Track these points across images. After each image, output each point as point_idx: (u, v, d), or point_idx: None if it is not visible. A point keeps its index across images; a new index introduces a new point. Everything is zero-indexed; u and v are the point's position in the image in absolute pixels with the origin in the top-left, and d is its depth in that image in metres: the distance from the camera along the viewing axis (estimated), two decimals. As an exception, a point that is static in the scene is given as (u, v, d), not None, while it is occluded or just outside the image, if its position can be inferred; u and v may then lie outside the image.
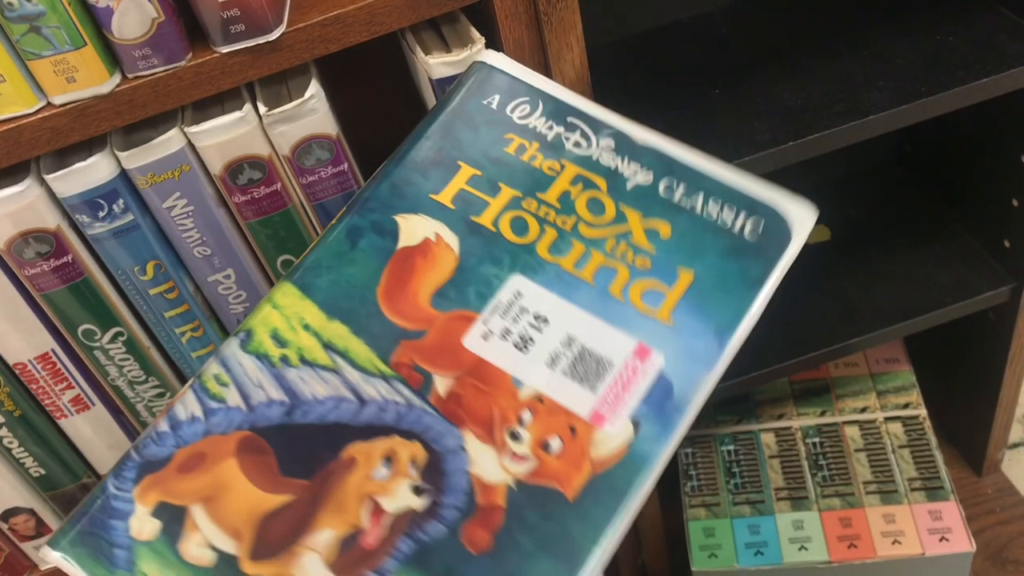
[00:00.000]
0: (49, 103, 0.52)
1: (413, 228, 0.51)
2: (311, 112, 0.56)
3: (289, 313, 0.49)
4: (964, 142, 0.87)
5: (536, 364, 0.46)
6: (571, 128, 0.53)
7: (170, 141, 0.55)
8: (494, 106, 0.55)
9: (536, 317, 0.47)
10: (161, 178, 0.56)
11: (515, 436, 0.44)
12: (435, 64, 0.57)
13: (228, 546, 0.44)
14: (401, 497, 0.44)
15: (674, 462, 0.95)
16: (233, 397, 0.47)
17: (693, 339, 0.46)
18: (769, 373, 0.83)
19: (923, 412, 0.94)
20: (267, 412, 0.47)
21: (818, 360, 0.84)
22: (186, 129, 0.55)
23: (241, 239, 0.61)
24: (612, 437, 0.44)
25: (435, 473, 0.44)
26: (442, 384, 0.46)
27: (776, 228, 0.49)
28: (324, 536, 0.44)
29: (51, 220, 0.56)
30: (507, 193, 0.51)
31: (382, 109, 0.74)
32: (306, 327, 0.49)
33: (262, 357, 0.48)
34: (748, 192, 0.50)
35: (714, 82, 0.74)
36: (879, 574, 0.83)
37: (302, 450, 0.46)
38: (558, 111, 0.54)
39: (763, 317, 0.86)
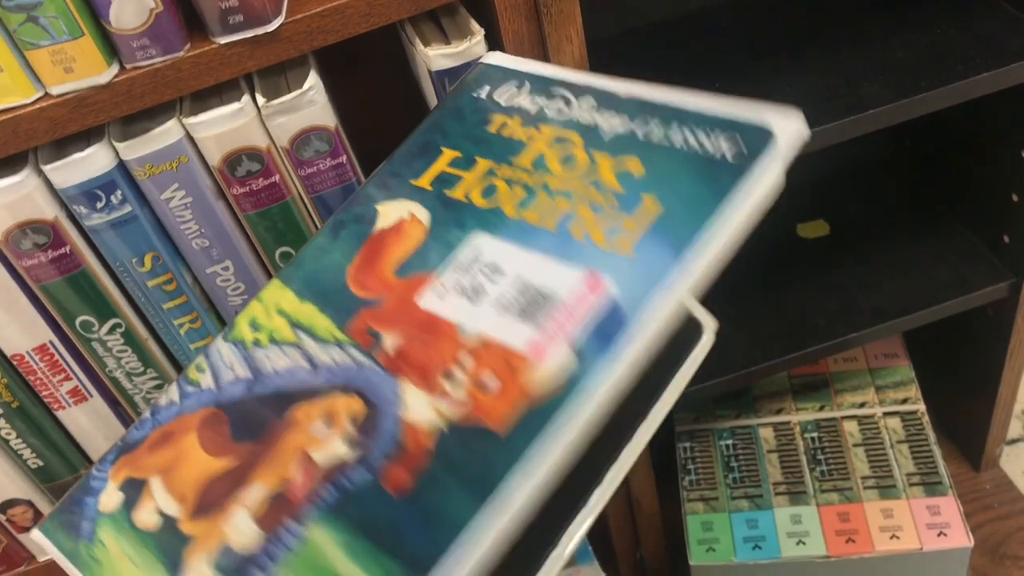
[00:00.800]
0: (47, 93, 0.52)
1: (390, 212, 0.52)
2: (310, 104, 0.55)
3: (268, 303, 0.51)
4: (964, 137, 0.87)
5: (484, 310, 0.45)
6: (553, 97, 0.53)
7: (168, 132, 0.55)
8: (483, 96, 0.55)
9: (491, 268, 0.46)
10: (159, 169, 0.56)
11: (452, 379, 0.44)
12: (434, 56, 0.57)
13: (173, 510, 0.46)
14: (332, 449, 0.44)
15: (672, 456, 0.95)
16: (207, 380, 0.50)
17: (651, 262, 0.44)
18: (768, 367, 0.83)
19: (922, 407, 0.94)
20: (232, 389, 0.49)
21: (817, 355, 0.84)
22: (184, 120, 0.55)
23: (239, 231, 0.61)
24: (551, 369, 0.42)
25: (371, 424, 0.44)
26: (390, 342, 0.46)
27: (757, 140, 0.46)
28: (255, 491, 0.44)
29: (49, 211, 0.56)
30: (483, 165, 0.51)
31: (381, 101, 0.74)
32: (280, 312, 0.50)
33: (238, 343, 0.50)
34: (728, 114, 0.48)
35: (714, 75, 0.74)
36: (877, 569, 0.84)
37: (254, 417, 0.47)
38: (543, 86, 0.54)
39: (763, 311, 0.85)
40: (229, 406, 0.48)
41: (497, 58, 0.57)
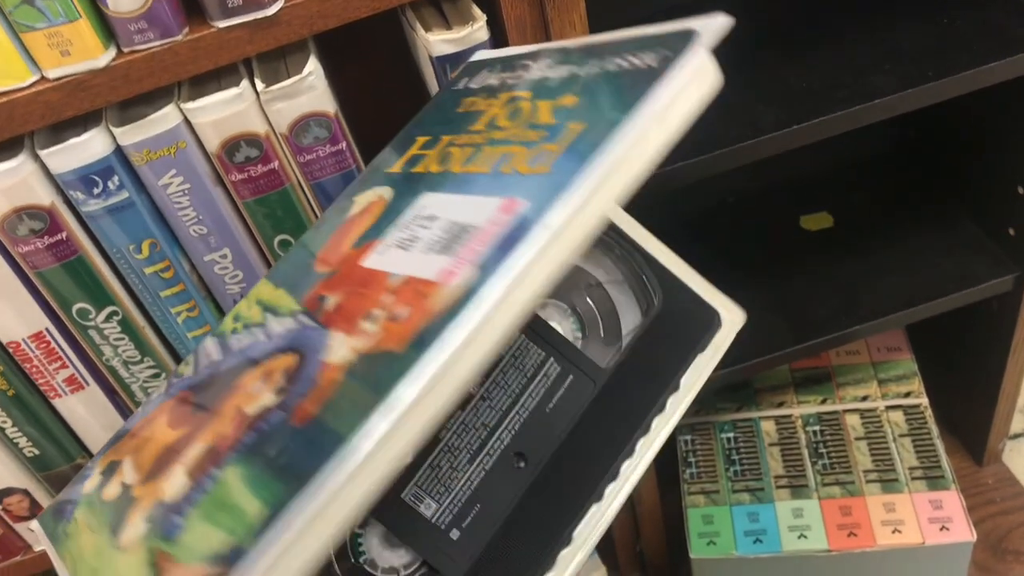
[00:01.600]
0: (43, 77, 0.52)
1: (362, 200, 0.52)
2: (309, 89, 0.55)
3: (251, 298, 0.52)
4: (969, 128, 0.86)
5: (414, 255, 0.45)
6: (516, 68, 0.53)
7: (166, 117, 0.54)
8: (461, 87, 0.55)
9: (427, 219, 0.46)
10: (157, 155, 0.55)
11: (371, 318, 0.43)
12: (435, 41, 0.56)
13: (132, 479, 0.48)
14: (261, 400, 0.44)
15: (673, 449, 0.94)
16: (188, 371, 0.52)
17: (563, 174, 0.42)
18: (769, 360, 0.82)
19: (924, 401, 0.93)
20: (204, 372, 0.50)
21: (819, 348, 0.83)
22: (182, 105, 0.54)
23: (238, 218, 0.60)
24: (455, 287, 0.41)
25: (298, 373, 0.44)
26: (332, 301, 0.46)
27: (681, 42, 0.44)
28: (194, 450, 0.45)
29: (45, 197, 0.55)
30: (444, 140, 0.51)
31: (381, 87, 0.73)
32: (258, 302, 0.51)
33: (220, 335, 0.52)
34: (658, 32, 0.46)
35: (718, 62, 0.73)
36: (879, 563, 0.83)
37: (212, 390, 0.48)
38: (510, 63, 0.54)
39: (765, 304, 0.84)
40: (198, 386, 0.50)
41: (479, 55, 0.57)
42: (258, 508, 0.39)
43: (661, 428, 0.53)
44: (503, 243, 0.41)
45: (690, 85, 0.43)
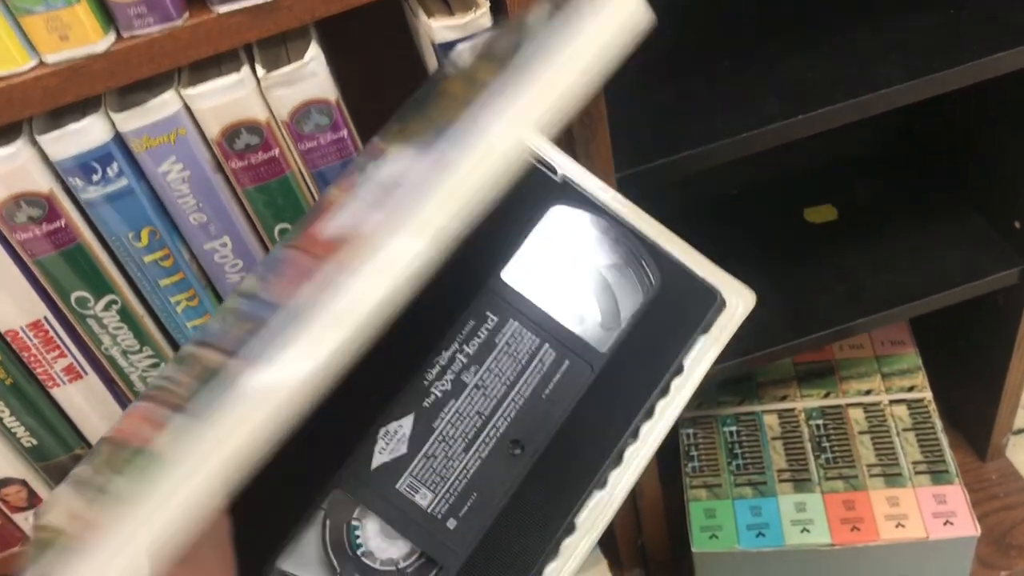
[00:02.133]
0: (42, 62, 0.51)
1: (338, 188, 0.52)
2: (310, 76, 0.54)
3: (237, 290, 0.52)
4: (975, 120, 0.86)
5: (355, 219, 0.45)
6: (491, 47, 0.52)
7: (166, 103, 0.54)
8: (439, 75, 0.55)
9: (374, 184, 0.47)
10: (156, 141, 0.55)
11: (308, 277, 0.43)
12: (438, 28, 0.56)
13: (98, 461, 0.48)
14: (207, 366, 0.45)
15: (675, 442, 0.94)
16: (167, 370, 0.52)
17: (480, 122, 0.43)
18: (772, 353, 0.82)
19: (928, 395, 0.93)
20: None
21: (823, 341, 0.83)
22: (182, 91, 0.54)
23: (238, 206, 0.60)
24: (380, 237, 0.41)
25: (244, 339, 0.45)
26: (288, 273, 0.47)
27: None
28: (146, 427, 0.46)
29: (43, 183, 0.55)
30: (411, 121, 0.51)
31: (383, 74, 0.72)
32: (239, 292, 0.51)
33: (200, 329, 0.53)
34: None
35: (723, 55, 0.73)
36: (882, 558, 0.83)
37: (176, 376, 0.48)
38: (487, 45, 0.53)
39: (769, 297, 0.84)
40: (169, 378, 0.50)
41: (461, 45, 0.56)
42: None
43: (665, 411, 0.53)
44: (426, 191, 0.41)
45: (606, 18, 0.43)
